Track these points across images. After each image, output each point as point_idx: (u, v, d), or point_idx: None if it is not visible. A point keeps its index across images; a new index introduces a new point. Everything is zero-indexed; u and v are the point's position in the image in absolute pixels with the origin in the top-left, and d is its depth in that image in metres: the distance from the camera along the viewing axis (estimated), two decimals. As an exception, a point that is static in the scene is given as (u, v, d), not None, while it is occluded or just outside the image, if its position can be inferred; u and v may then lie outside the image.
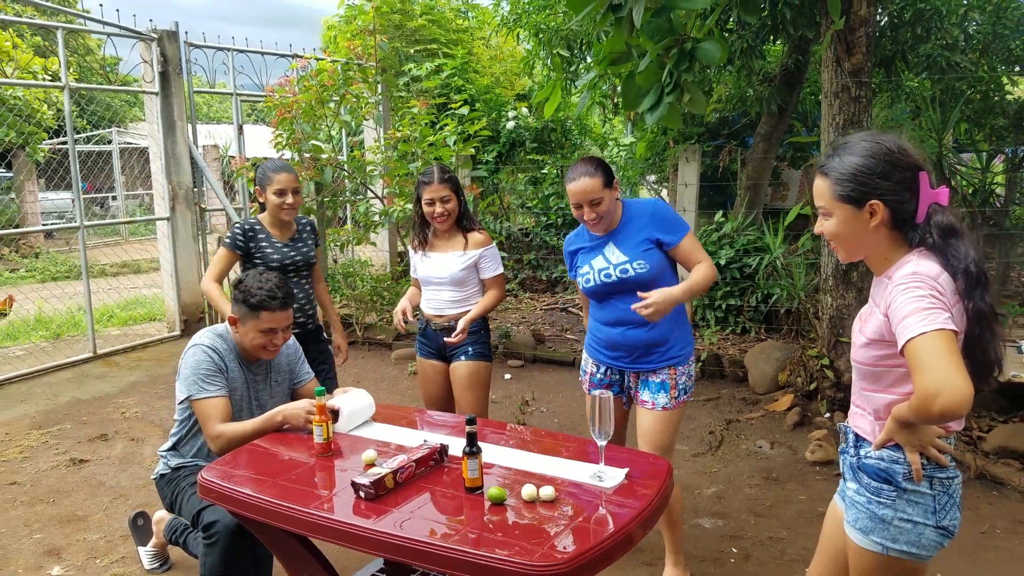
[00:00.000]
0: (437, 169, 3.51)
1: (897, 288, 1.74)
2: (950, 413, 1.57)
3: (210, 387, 2.75)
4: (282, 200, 3.54)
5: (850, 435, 1.99)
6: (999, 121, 7.71)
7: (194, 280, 7.57)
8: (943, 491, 1.83)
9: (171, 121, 7.21)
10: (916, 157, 1.83)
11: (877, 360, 1.85)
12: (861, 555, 1.90)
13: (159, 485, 2.98)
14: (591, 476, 2.23)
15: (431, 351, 3.64)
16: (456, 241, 3.56)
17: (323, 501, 2.15)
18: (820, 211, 1.91)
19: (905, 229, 1.83)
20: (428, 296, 3.61)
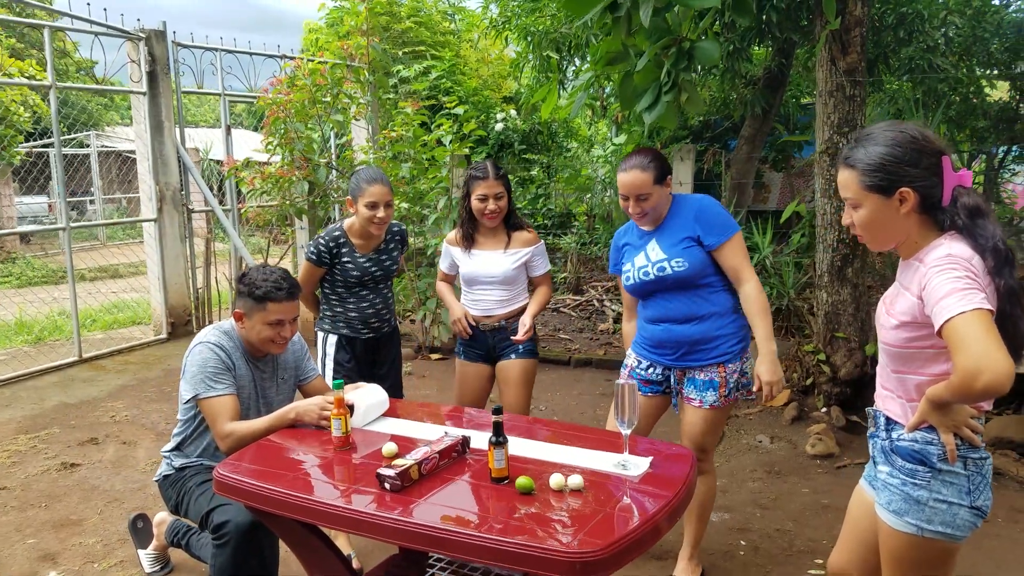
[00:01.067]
0: (491, 165, 3.43)
1: (932, 270, 1.75)
2: (994, 390, 1.59)
3: (218, 385, 2.69)
4: (373, 213, 3.28)
5: (881, 419, 1.99)
6: (980, 122, 7.82)
7: (181, 283, 7.48)
8: (976, 471, 1.84)
9: (159, 121, 7.13)
10: (938, 142, 1.85)
11: (908, 342, 1.86)
12: (895, 537, 1.90)
13: (163, 486, 2.91)
14: (615, 465, 2.21)
15: (479, 353, 3.56)
16: (500, 239, 3.50)
17: (347, 493, 2.12)
18: (848, 202, 1.92)
19: (934, 213, 1.85)
20: (475, 297, 3.53)
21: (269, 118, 6.12)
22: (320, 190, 6.44)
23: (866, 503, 2.08)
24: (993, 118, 7.67)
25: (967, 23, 7.46)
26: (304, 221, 7.03)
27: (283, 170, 6.14)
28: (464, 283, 3.57)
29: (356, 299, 3.48)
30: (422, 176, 6.36)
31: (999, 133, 7.68)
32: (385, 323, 3.59)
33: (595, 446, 2.38)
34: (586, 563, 1.71)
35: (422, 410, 2.89)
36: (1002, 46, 7.44)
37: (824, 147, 4.86)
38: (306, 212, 6.60)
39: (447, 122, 6.12)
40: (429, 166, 6.34)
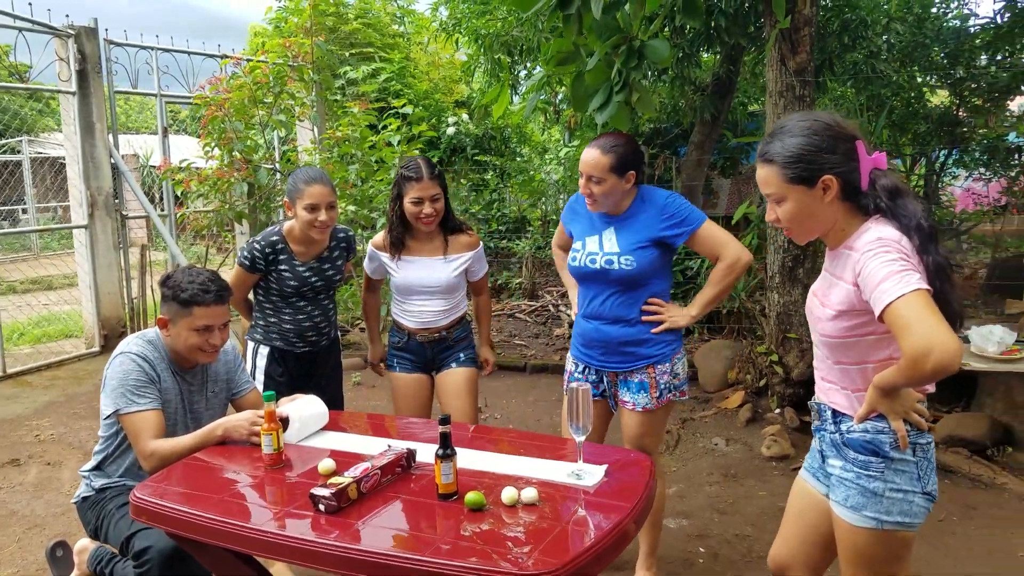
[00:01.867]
0: (424, 163, 3.10)
1: (866, 255, 1.74)
2: (943, 369, 1.57)
3: (140, 399, 2.47)
4: (314, 217, 3.00)
5: (827, 412, 1.97)
6: (921, 127, 7.96)
7: (115, 292, 7.14)
8: (924, 456, 1.85)
9: (90, 123, 6.79)
10: (850, 128, 1.86)
11: (849, 330, 1.84)
12: (856, 533, 1.87)
13: (81, 509, 2.68)
14: (569, 475, 2.08)
15: (416, 365, 3.29)
16: (436, 244, 3.21)
17: (277, 517, 1.93)
18: (771, 198, 1.89)
19: (856, 198, 1.84)
20: (412, 307, 3.23)
21: (207, 118, 5.86)
22: (262, 193, 6.20)
23: (809, 496, 2.07)
24: (934, 122, 7.81)
25: (908, 30, 7.58)
26: (245, 226, 6.78)
27: (221, 171, 5.89)
28: (398, 293, 3.26)
29: (292, 310, 3.22)
30: (370, 178, 6.17)
31: (940, 137, 7.82)
32: (323, 336, 3.34)
33: (547, 455, 2.24)
34: (539, 586, 1.57)
35: (365, 422, 2.71)
36: (942, 52, 7.57)
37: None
38: (247, 216, 6.35)
39: (395, 122, 5.94)
40: (378, 168, 6.15)
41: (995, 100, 7.64)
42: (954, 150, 8.09)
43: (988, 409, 4.50)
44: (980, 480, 4.05)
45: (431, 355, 3.28)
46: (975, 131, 7.87)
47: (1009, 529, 3.57)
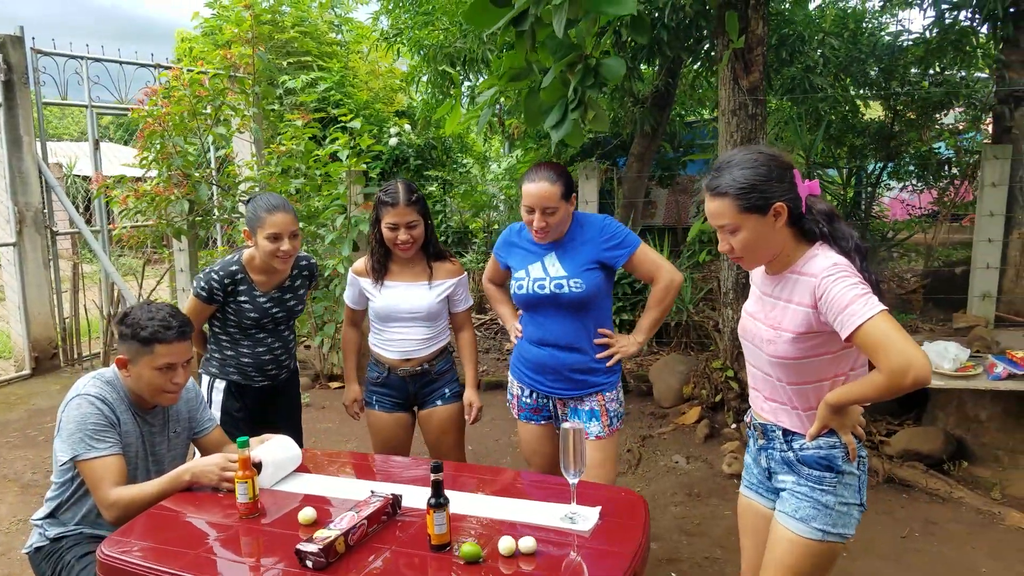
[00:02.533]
0: (403, 187, 2.97)
1: (827, 280, 1.82)
2: (921, 382, 1.69)
3: (100, 445, 2.31)
4: (276, 246, 2.88)
5: (776, 432, 2.03)
6: (857, 140, 8.17)
7: (46, 312, 6.80)
8: (862, 470, 1.98)
9: (16, 136, 6.46)
10: (787, 158, 1.98)
11: (807, 351, 1.91)
12: (799, 543, 1.95)
13: (34, 560, 2.49)
14: (563, 519, 2.01)
15: (396, 402, 3.13)
16: (419, 270, 3.08)
17: (260, 573, 1.82)
18: (724, 229, 1.95)
19: (800, 223, 1.94)
20: (392, 336, 3.08)
21: (144, 131, 5.62)
22: (201, 208, 5.97)
23: (760, 514, 2.14)
24: (870, 136, 8.02)
25: (844, 44, 7.76)
26: (184, 242, 6.53)
27: (160, 188, 5.65)
28: (378, 319, 3.11)
29: (251, 342, 3.08)
30: (315, 193, 6.00)
31: (876, 150, 8.04)
32: (283, 369, 3.20)
33: (537, 496, 2.17)
34: (553, 648, 1.50)
35: (340, 461, 2.59)
36: (876, 67, 7.77)
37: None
38: (186, 232, 6.11)
39: (343, 136, 5.79)
40: (323, 182, 5.99)
41: (927, 113, 7.88)
42: (889, 163, 8.33)
43: (940, 423, 4.59)
44: (937, 494, 4.13)
45: (413, 391, 3.13)
46: (909, 144, 8.12)
47: (969, 544, 3.64)
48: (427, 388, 3.13)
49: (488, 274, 3.18)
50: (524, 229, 2.91)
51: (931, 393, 4.74)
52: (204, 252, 6.64)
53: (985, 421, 4.34)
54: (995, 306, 5.30)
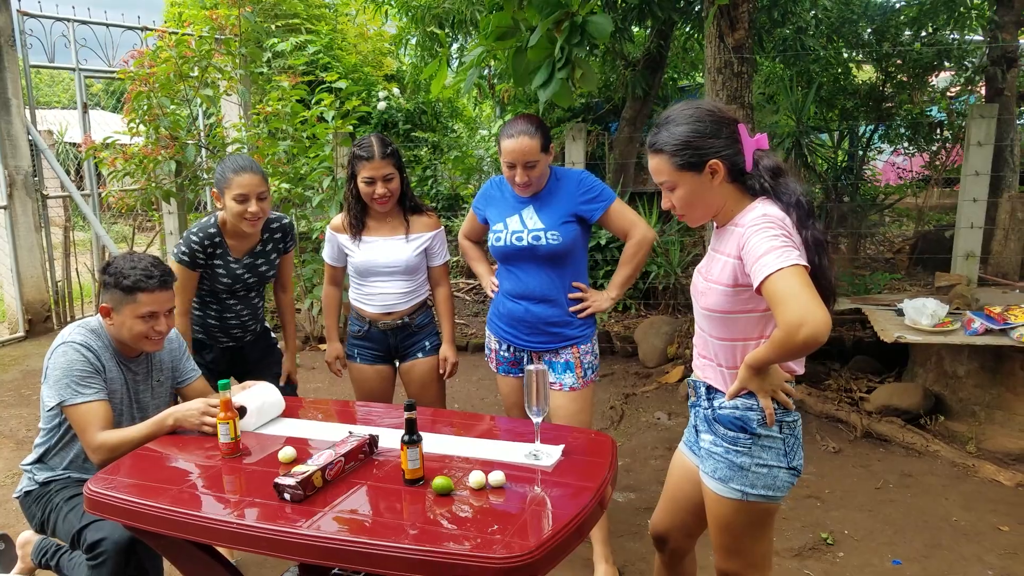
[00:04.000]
0: (377, 141, 2.98)
1: (750, 230, 1.82)
2: (814, 340, 1.65)
3: (86, 390, 2.38)
4: (243, 207, 2.84)
5: (701, 388, 2.07)
6: (848, 102, 8.16)
7: (38, 275, 6.85)
8: (791, 434, 1.95)
9: (5, 99, 6.46)
10: (731, 112, 1.96)
11: (733, 306, 1.91)
12: (722, 503, 1.98)
13: (24, 504, 2.57)
14: (527, 455, 2.09)
15: (377, 355, 3.18)
16: (397, 224, 3.10)
17: (240, 506, 1.89)
18: (664, 186, 1.96)
19: (743, 179, 1.93)
20: (372, 290, 3.11)
21: (131, 93, 5.62)
22: (189, 171, 5.99)
23: (686, 468, 2.19)
24: (861, 98, 7.99)
25: (836, 5, 7.73)
26: (172, 204, 6.55)
27: (148, 149, 5.66)
28: (357, 274, 3.14)
29: (220, 307, 3.10)
30: (303, 155, 6.02)
31: (867, 112, 8.02)
32: (248, 332, 3.22)
33: (507, 437, 2.25)
34: (513, 568, 1.57)
35: (324, 409, 2.66)
36: (868, 28, 7.74)
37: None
38: (174, 195, 6.12)
39: (328, 97, 5.79)
40: (310, 144, 6.00)
41: (919, 76, 7.87)
42: (880, 125, 8.33)
43: (920, 379, 4.68)
44: (914, 448, 4.22)
45: (394, 344, 3.17)
46: (900, 106, 8.11)
47: (943, 495, 3.73)
48: (408, 341, 3.18)
49: (465, 229, 3.22)
50: (504, 183, 2.95)
51: (911, 350, 4.82)
52: (193, 215, 6.65)
53: (963, 377, 4.42)
54: (978, 265, 5.35)
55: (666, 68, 8.66)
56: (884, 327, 4.25)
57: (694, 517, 2.20)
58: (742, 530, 1.99)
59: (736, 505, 1.96)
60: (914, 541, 3.34)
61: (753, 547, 2.02)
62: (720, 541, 2.04)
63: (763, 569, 2.06)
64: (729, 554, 2.04)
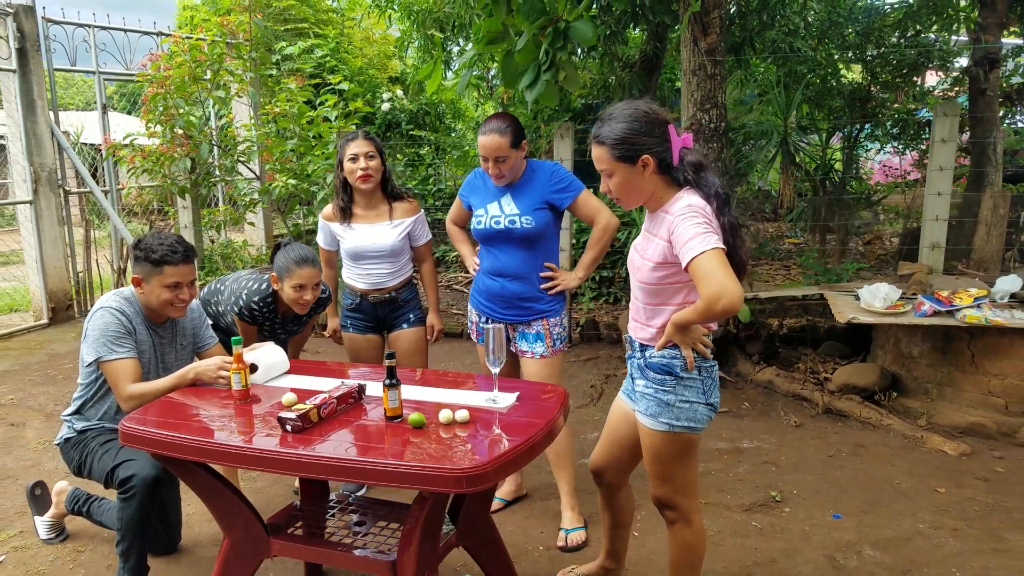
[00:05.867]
0: (359, 131, 3.49)
1: (678, 218, 2.17)
2: (730, 310, 2.05)
3: (119, 348, 2.79)
4: (300, 295, 3.17)
5: (635, 344, 2.45)
6: (836, 102, 8.46)
7: (60, 266, 7.28)
8: (708, 376, 2.35)
9: (31, 100, 6.89)
10: (663, 114, 2.28)
11: (662, 279, 2.29)
12: (653, 436, 2.37)
13: (64, 449, 2.98)
14: (487, 400, 2.47)
15: (368, 324, 3.61)
16: (381, 210, 3.51)
17: (250, 436, 2.28)
18: (603, 173, 2.31)
19: (670, 172, 2.27)
20: (362, 271, 3.52)
21: (148, 94, 6.04)
22: (202, 168, 6.40)
23: (622, 412, 2.59)
24: (847, 98, 8.27)
25: (824, 8, 8.03)
26: (187, 200, 6.97)
27: (164, 147, 6.08)
28: (349, 258, 3.55)
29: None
30: (309, 153, 6.42)
31: (853, 112, 8.30)
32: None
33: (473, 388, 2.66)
34: (471, 476, 1.96)
35: (322, 368, 3.05)
36: (855, 31, 8.03)
37: (688, 123, 5.25)
38: (188, 191, 6.56)
39: (332, 98, 6.19)
40: (316, 143, 6.40)
41: (905, 76, 8.15)
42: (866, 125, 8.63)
43: (880, 360, 5.02)
44: (869, 422, 4.57)
45: (383, 315, 3.60)
46: (887, 106, 8.40)
47: (891, 463, 4.08)
48: (395, 313, 3.62)
49: (452, 215, 3.61)
50: (485, 173, 3.33)
51: (874, 334, 5.17)
52: (206, 211, 7.06)
53: (917, 357, 4.75)
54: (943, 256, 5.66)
55: (663, 69, 8.96)
56: (841, 310, 4.61)
57: (627, 453, 2.60)
58: (670, 459, 2.38)
59: (665, 437, 2.34)
60: (856, 500, 3.69)
61: (681, 474, 2.41)
62: (653, 470, 2.43)
63: (689, 496, 2.45)
64: (661, 481, 2.43)
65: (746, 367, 5.42)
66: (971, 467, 4.01)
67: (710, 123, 5.17)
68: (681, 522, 2.46)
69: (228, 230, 7.68)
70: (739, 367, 5.45)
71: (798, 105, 7.43)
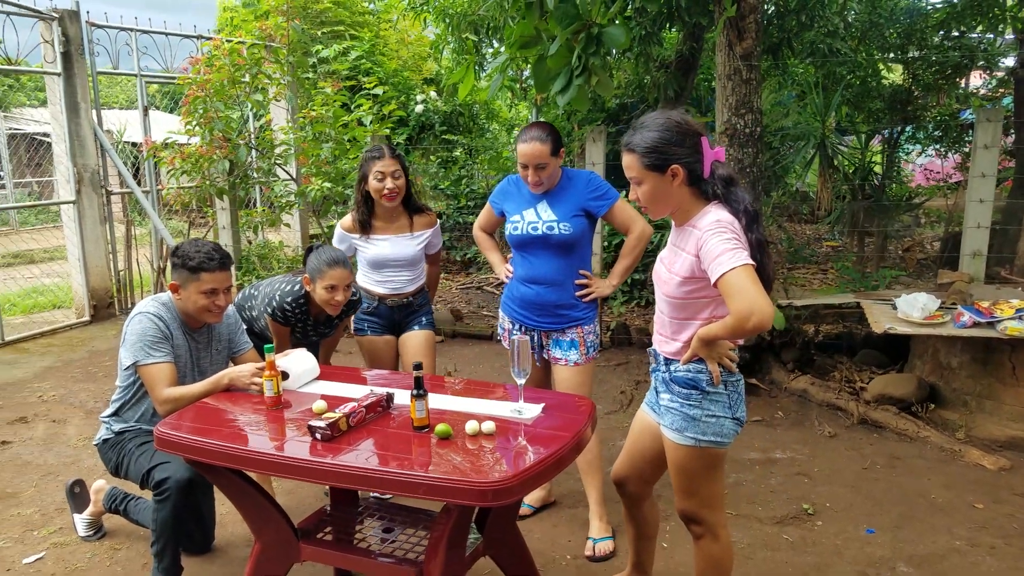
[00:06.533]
0: (386, 145, 3.54)
1: (707, 233, 2.15)
2: (761, 327, 2.04)
3: (156, 353, 2.84)
4: (332, 296, 3.22)
5: (660, 357, 2.42)
6: (876, 104, 8.32)
7: (102, 264, 7.44)
8: (734, 391, 2.32)
9: (74, 103, 7.05)
10: (697, 125, 2.26)
11: (688, 293, 2.27)
12: (678, 450, 2.35)
13: (102, 450, 3.05)
14: (511, 411, 2.48)
15: (384, 327, 3.69)
16: (402, 222, 3.61)
17: (281, 444, 2.32)
18: (632, 180, 2.29)
19: (699, 184, 2.25)
20: (383, 278, 3.62)
21: (188, 97, 6.15)
22: (240, 170, 6.50)
23: (645, 424, 2.56)
24: (888, 100, 8.13)
25: (864, 9, 7.90)
26: (225, 201, 7.09)
27: (203, 149, 6.19)
28: (370, 267, 3.63)
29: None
30: (343, 156, 6.49)
31: (893, 114, 8.16)
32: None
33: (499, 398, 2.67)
34: (497, 490, 1.97)
35: (349, 374, 3.09)
36: (896, 32, 7.90)
37: (723, 128, 5.20)
38: (227, 192, 6.67)
39: (367, 102, 6.25)
40: (350, 147, 6.46)
41: (948, 78, 7.99)
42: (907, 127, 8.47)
43: (918, 371, 4.93)
44: (906, 434, 4.49)
45: (398, 318, 3.70)
46: (925, 109, 8.24)
47: (927, 477, 4.00)
48: (409, 317, 3.71)
49: (480, 221, 3.63)
50: (520, 180, 3.35)
51: (912, 344, 5.08)
52: (244, 212, 7.17)
53: (956, 368, 4.66)
54: (985, 264, 5.56)
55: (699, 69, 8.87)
56: (877, 319, 4.54)
57: (650, 465, 2.59)
58: (697, 473, 2.36)
59: (691, 451, 2.32)
60: (890, 513, 3.63)
61: (707, 488, 2.39)
62: (679, 483, 2.41)
63: (716, 510, 2.43)
64: (687, 495, 2.41)
65: (780, 375, 5.36)
66: (1010, 482, 3.93)
67: (745, 128, 5.11)
68: (708, 536, 2.44)
69: (264, 231, 7.77)
70: (773, 375, 5.39)
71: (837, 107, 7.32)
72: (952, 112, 8.38)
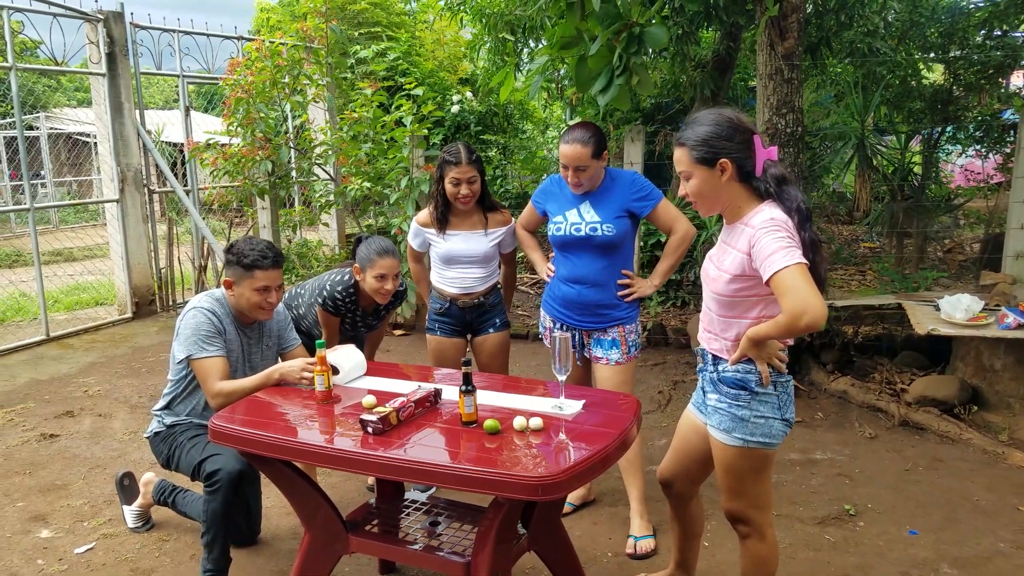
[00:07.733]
0: (463, 149, 3.47)
1: (760, 231, 2.14)
2: (814, 326, 2.02)
3: (210, 347, 2.91)
4: (381, 285, 3.32)
5: (708, 356, 2.42)
6: (916, 104, 8.20)
7: (144, 262, 7.58)
8: (784, 391, 2.31)
9: (119, 103, 7.21)
10: (749, 123, 2.26)
11: (738, 291, 2.25)
12: (726, 451, 2.34)
13: (154, 443, 3.13)
14: (552, 407, 2.50)
15: (455, 329, 3.66)
16: (476, 220, 3.58)
17: (333, 437, 2.36)
18: (682, 175, 2.30)
19: (751, 182, 2.25)
20: (453, 275, 3.59)
21: (231, 99, 6.25)
22: (281, 170, 6.60)
23: (692, 424, 2.56)
24: (928, 100, 8.02)
25: (905, 8, 7.79)
26: (266, 200, 7.19)
27: (245, 150, 6.29)
28: (442, 262, 3.62)
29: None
30: (382, 156, 6.55)
31: (934, 114, 8.05)
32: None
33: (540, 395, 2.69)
34: (546, 485, 2.00)
35: (399, 371, 3.13)
36: (937, 31, 7.79)
37: (764, 128, 5.18)
38: (268, 192, 6.76)
39: (407, 103, 6.30)
40: (389, 147, 6.52)
41: (989, 77, 7.87)
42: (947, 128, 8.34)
43: (960, 372, 4.87)
44: (947, 436, 4.44)
45: (470, 319, 3.66)
46: (969, 109, 8.12)
47: (970, 479, 3.96)
48: (482, 318, 3.67)
49: (523, 220, 3.65)
50: (563, 180, 3.36)
51: (954, 345, 5.02)
52: (284, 211, 7.27)
53: (1000, 370, 4.61)
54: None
55: (736, 69, 8.82)
56: (920, 320, 4.49)
57: (697, 465, 2.58)
58: (744, 474, 2.36)
59: (739, 452, 2.32)
60: (933, 515, 3.60)
61: (755, 489, 2.38)
62: (726, 484, 2.41)
63: (763, 510, 2.43)
64: (734, 495, 2.41)
65: (820, 376, 5.33)
66: (1055, 486, 3.88)
67: (786, 128, 5.09)
68: (754, 536, 2.44)
69: (303, 230, 7.87)
70: (813, 376, 5.36)
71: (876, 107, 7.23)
72: (994, 112, 8.23)
